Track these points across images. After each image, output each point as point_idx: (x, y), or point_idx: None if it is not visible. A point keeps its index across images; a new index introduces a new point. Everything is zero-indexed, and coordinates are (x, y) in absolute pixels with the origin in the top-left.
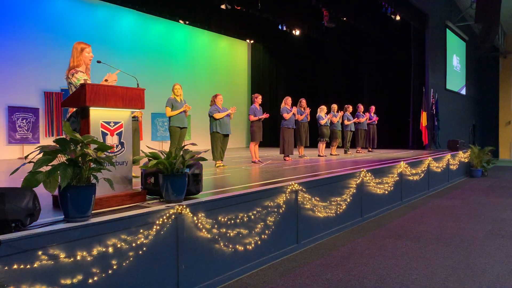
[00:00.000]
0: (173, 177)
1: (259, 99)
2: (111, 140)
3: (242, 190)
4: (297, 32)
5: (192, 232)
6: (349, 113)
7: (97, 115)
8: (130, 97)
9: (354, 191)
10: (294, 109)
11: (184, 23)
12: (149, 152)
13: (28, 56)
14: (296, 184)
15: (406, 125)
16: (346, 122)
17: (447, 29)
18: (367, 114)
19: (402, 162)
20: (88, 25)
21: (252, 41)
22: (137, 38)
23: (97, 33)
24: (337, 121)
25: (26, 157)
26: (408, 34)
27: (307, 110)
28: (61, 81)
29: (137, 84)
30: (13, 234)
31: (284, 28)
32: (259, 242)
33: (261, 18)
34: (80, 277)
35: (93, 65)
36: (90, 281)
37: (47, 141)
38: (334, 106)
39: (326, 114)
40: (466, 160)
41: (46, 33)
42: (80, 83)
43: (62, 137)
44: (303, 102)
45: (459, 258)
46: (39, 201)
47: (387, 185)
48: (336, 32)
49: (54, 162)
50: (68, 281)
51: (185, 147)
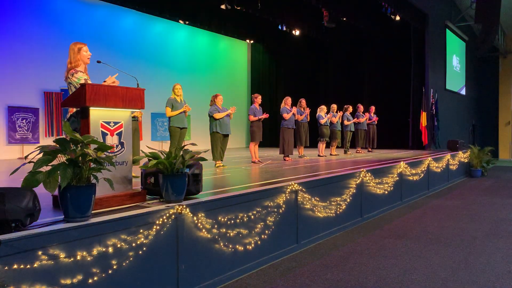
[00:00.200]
0: (173, 177)
1: (259, 99)
2: (111, 140)
3: (242, 190)
4: (297, 32)
5: (192, 232)
6: (349, 113)
7: (97, 115)
8: (130, 97)
9: (354, 191)
10: (294, 109)
11: (184, 23)
12: (149, 152)
13: (28, 56)
14: (296, 184)
15: (406, 125)
16: (346, 122)
17: (447, 29)
18: (367, 114)
19: (402, 162)
20: (88, 25)
21: (252, 41)
22: (137, 38)
23: (97, 33)
24: (337, 121)
25: (26, 157)
26: (408, 34)
27: (307, 110)
28: (61, 81)
29: (137, 84)
30: (13, 234)
31: (284, 28)
32: (259, 242)
33: (261, 18)
34: (80, 277)
35: (93, 65)
36: (90, 281)
37: (47, 141)
38: (334, 106)
39: (326, 114)
40: (466, 160)
41: (46, 33)
42: (80, 83)
43: (62, 137)
44: (303, 102)
45: (459, 258)
46: (39, 201)
47: (387, 185)
48: (336, 32)
49: (54, 162)
50: (68, 281)
51: (185, 147)
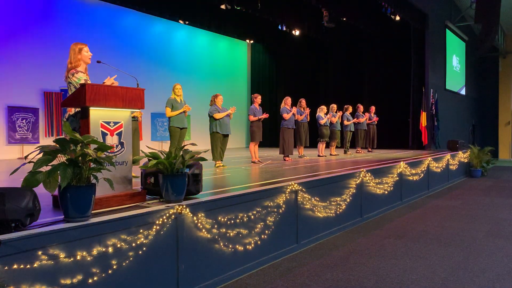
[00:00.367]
0: (173, 177)
1: (259, 99)
2: (111, 140)
3: (242, 190)
4: (297, 32)
5: (192, 232)
6: (349, 113)
7: (97, 115)
8: (130, 97)
9: (354, 191)
10: (294, 109)
11: (184, 23)
12: (149, 152)
13: (28, 56)
14: (296, 184)
15: (406, 125)
16: (346, 122)
17: (447, 29)
18: (367, 114)
19: (402, 162)
20: (88, 25)
21: (252, 41)
22: (137, 38)
23: (97, 33)
24: (336, 121)
25: (26, 157)
26: (408, 34)
27: (307, 110)
28: (61, 81)
29: (137, 84)
30: (13, 234)
31: (284, 28)
32: (259, 242)
33: (261, 18)
34: (80, 277)
35: (94, 66)
36: (90, 281)
37: (47, 141)
38: (333, 106)
39: (326, 115)
40: (466, 160)
41: (46, 33)
42: (80, 83)
43: (62, 137)
44: (303, 102)
45: (459, 258)
46: (39, 201)
47: (387, 185)
48: (336, 32)
49: (54, 162)
50: (68, 281)
51: (185, 147)
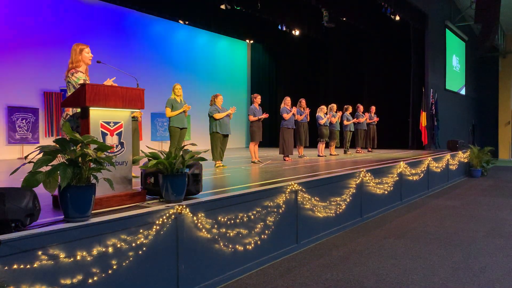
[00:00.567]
0: (173, 177)
1: (258, 99)
2: (111, 140)
3: (242, 190)
4: (297, 32)
5: (192, 232)
6: (349, 113)
7: (97, 115)
8: (130, 97)
9: (354, 191)
10: (294, 109)
11: (184, 23)
12: (149, 152)
13: (28, 56)
14: (296, 184)
15: (406, 125)
16: (346, 122)
17: (447, 29)
18: (367, 114)
19: (402, 162)
20: (88, 25)
21: (252, 41)
22: (137, 38)
23: (97, 33)
24: (336, 121)
25: (26, 157)
26: (408, 34)
27: (307, 110)
28: (61, 81)
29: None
30: (13, 234)
31: (284, 28)
32: (259, 242)
33: (261, 18)
34: (80, 277)
35: (94, 66)
36: (90, 281)
37: (47, 141)
38: (333, 106)
39: (326, 115)
40: (466, 160)
41: (46, 33)
42: (80, 83)
43: (62, 137)
44: (303, 102)
45: (459, 258)
46: (39, 201)
47: (387, 185)
48: (336, 32)
49: (54, 162)
50: (68, 281)
51: (185, 147)
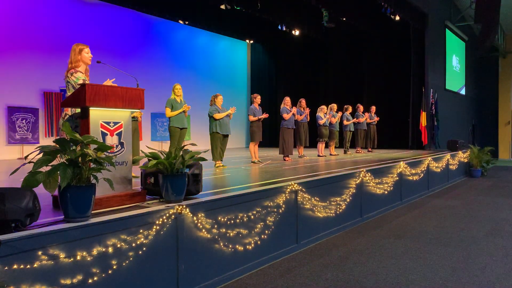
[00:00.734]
0: (173, 177)
1: (258, 99)
2: (111, 140)
3: (242, 190)
4: (297, 32)
5: (192, 232)
6: (349, 113)
7: (97, 115)
8: (130, 97)
9: (354, 191)
10: (294, 109)
11: (184, 23)
12: (149, 152)
13: (28, 56)
14: (296, 184)
15: (406, 125)
16: (346, 122)
17: (447, 29)
18: (367, 114)
19: (402, 162)
20: (88, 25)
21: (252, 41)
22: (137, 38)
23: (97, 33)
24: (336, 121)
25: (26, 157)
26: (408, 34)
27: (307, 110)
28: (61, 82)
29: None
30: (13, 234)
31: (284, 28)
32: (259, 242)
33: (261, 18)
34: (80, 277)
35: (94, 66)
36: (90, 281)
37: (47, 141)
38: (334, 106)
39: (326, 115)
40: (466, 160)
41: (46, 33)
42: (80, 83)
43: (62, 137)
44: (303, 102)
45: (459, 258)
46: (39, 201)
47: (387, 185)
48: (336, 32)
49: (54, 162)
50: (68, 281)
51: (185, 147)
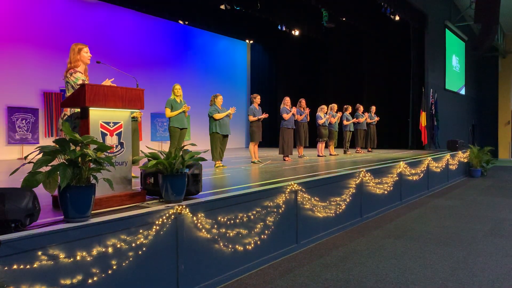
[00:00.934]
0: (173, 177)
1: (258, 99)
2: (111, 141)
3: (242, 191)
4: (297, 32)
5: (192, 232)
6: (348, 113)
7: (97, 116)
8: (130, 98)
9: (354, 191)
10: (294, 109)
11: (184, 23)
12: (149, 153)
13: (28, 57)
14: (296, 184)
15: (406, 125)
16: (345, 122)
17: (447, 29)
18: (366, 114)
19: (402, 162)
20: (88, 25)
21: (252, 41)
22: (137, 38)
23: (97, 33)
24: (335, 122)
25: (26, 158)
26: (408, 34)
27: (307, 110)
28: (61, 82)
29: (137, 85)
30: (13, 235)
31: (284, 28)
32: (259, 242)
33: (261, 18)
34: (80, 277)
35: (94, 66)
36: (90, 281)
37: (47, 142)
38: (334, 106)
39: (326, 114)
40: (466, 160)
41: (46, 33)
42: (79, 83)
43: (62, 138)
44: (303, 102)
45: (459, 258)
46: (39, 202)
47: (387, 185)
48: (336, 32)
49: (54, 163)
50: (68, 281)
51: (185, 148)
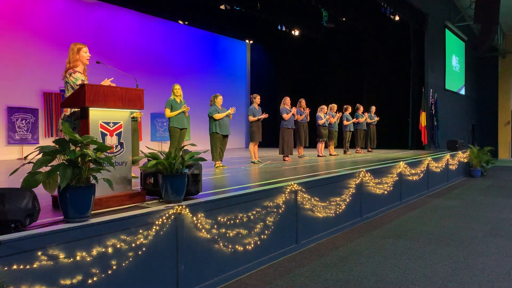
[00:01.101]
0: (173, 178)
1: (258, 100)
2: (111, 141)
3: (242, 191)
4: (297, 33)
5: (192, 232)
6: (348, 113)
7: (97, 116)
8: (130, 98)
9: (354, 191)
10: (294, 110)
11: (184, 23)
12: (149, 153)
13: (28, 57)
14: (296, 184)
15: (406, 125)
16: (345, 122)
17: (446, 29)
18: (366, 114)
19: (402, 162)
20: (88, 25)
21: (252, 41)
22: (137, 38)
23: (97, 33)
24: (335, 122)
25: (26, 158)
26: (408, 34)
27: (307, 111)
28: (61, 82)
29: (137, 85)
30: (13, 235)
31: (284, 28)
32: (259, 242)
33: (261, 18)
34: (80, 278)
35: (93, 66)
36: (90, 281)
37: (47, 142)
38: (334, 106)
39: (326, 115)
40: (466, 160)
41: (46, 33)
42: (78, 84)
43: (62, 138)
44: (303, 103)
45: (458, 258)
46: (39, 202)
47: (387, 185)
48: (336, 32)
49: (54, 163)
50: (68, 282)
51: (185, 148)
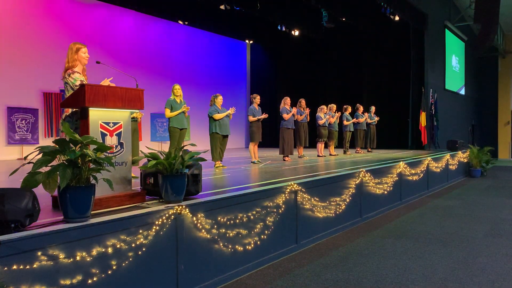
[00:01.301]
0: (173, 178)
1: (258, 100)
2: (111, 141)
3: (242, 191)
4: (297, 33)
5: (192, 233)
6: (348, 114)
7: (97, 116)
8: (130, 98)
9: (354, 191)
10: (294, 110)
11: (184, 24)
12: (149, 153)
13: (28, 57)
14: (296, 184)
15: (405, 125)
16: (345, 122)
17: (446, 29)
18: (366, 114)
19: (401, 162)
20: (88, 25)
21: (252, 41)
22: (137, 38)
23: (97, 33)
24: (334, 122)
25: (26, 158)
26: (407, 34)
27: (307, 111)
28: (61, 82)
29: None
30: (13, 235)
31: (284, 29)
32: (259, 243)
33: (261, 19)
34: (80, 278)
35: (93, 66)
36: (90, 282)
37: (47, 142)
38: (333, 106)
39: (326, 115)
40: (465, 160)
41: (46, 33)
42: (77, 84)
43: (62, 138)
44: (303, 103)
45: (458, 258)
46: (39, 202)
47: (386, 185)
48: (336, 32)
49: (54, 163)
50: (68, 282)
51: (185, 148)
